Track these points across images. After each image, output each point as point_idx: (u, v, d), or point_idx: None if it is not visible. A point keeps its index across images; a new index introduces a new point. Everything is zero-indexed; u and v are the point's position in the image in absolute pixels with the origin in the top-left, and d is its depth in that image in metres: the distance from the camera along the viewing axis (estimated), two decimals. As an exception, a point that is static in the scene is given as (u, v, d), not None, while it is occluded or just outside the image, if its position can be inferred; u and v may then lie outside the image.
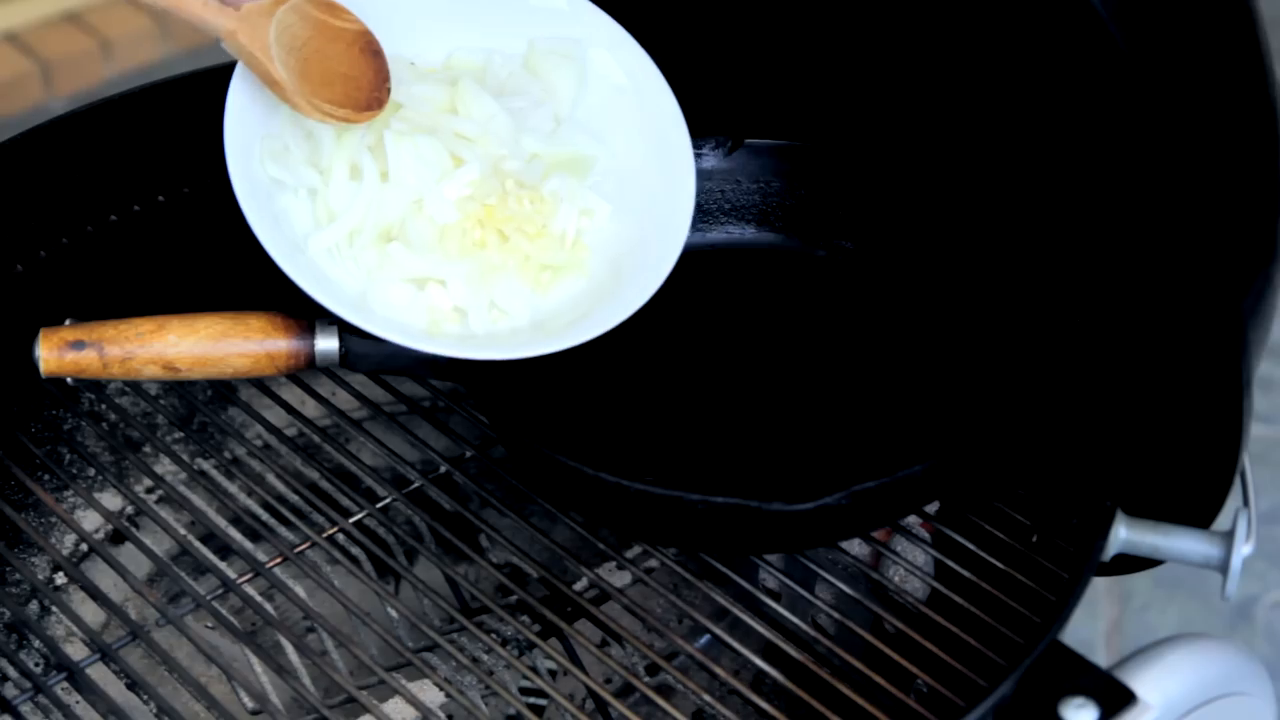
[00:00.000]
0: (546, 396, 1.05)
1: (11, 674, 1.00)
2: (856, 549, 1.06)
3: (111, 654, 0.97)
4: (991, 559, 0.99)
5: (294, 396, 1.14)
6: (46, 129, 1.14)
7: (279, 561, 1.03)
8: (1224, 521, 0.97)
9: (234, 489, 1.11)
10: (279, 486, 1.10)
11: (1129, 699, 0.85)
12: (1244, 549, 0.95)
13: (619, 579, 1.09)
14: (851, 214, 1.13)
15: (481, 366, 1.01)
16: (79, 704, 1.00)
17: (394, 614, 1.02)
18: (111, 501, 1.14)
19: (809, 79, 1.13)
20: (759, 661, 0.94)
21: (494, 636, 1.02)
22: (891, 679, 0.92)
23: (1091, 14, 0.85)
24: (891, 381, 1.06)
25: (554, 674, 1.10)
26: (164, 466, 1.17)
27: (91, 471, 1.14)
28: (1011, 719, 0.86)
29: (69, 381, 1.13)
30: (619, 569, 1.08)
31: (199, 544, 1.03)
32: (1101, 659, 0.98)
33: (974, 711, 0.86)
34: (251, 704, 1.00)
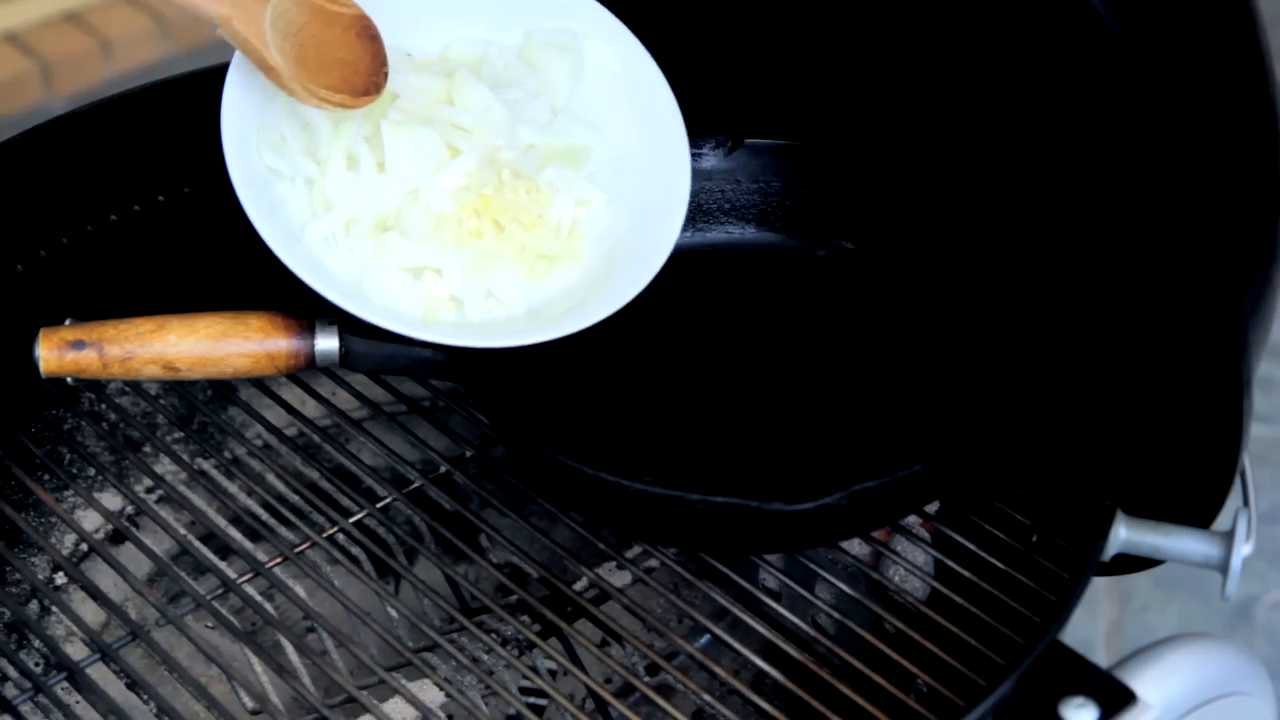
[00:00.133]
0: (546, 396, 1.05)
1: (11, 674, 0.99)
2: (856, 549, 1.06)
3: (111, 654, 0.97)
4: (991, 559, 0.99)
5: (294, 396, 1.14)
6: (46, 129, 1.14)
7: (279, 561, 1.03)
8: (1224, 521, 0.97)
9: (234, 489, 1.11)
10: (279, 486, 1.10)
11: (1129, 699, 0.85)
12: (1244, 549, 0.95)
13: (619, 579, 1.09)
14: (851, 214, 1.13)
15: (481, 366, 1.01)
16: (79, 704, 1.00)
17: (394, 614, 1.02)
18: (111, 501, 1.14)
19: (809, 79, 1.13)
20: (759, 661, 0.94)
21: (494, 636, 1.02)
22: (891, 679, 0.92)
23: (1091, 14, 0.85)
24: (891, 381, 1.06)
25: (554, 674, 1.10)
26: (164, 466, 1.17)
27: (91, 471, 1.14)
28: (1011, 719, 0.86)
29: (69, 381, 1.13)
30: (619, 569, 1.08)
31: (199, 544, 1.03)
32: (1101, 659, 0.98)
33: (974, 711, 0.86)
34: (251, 704, 1.00)
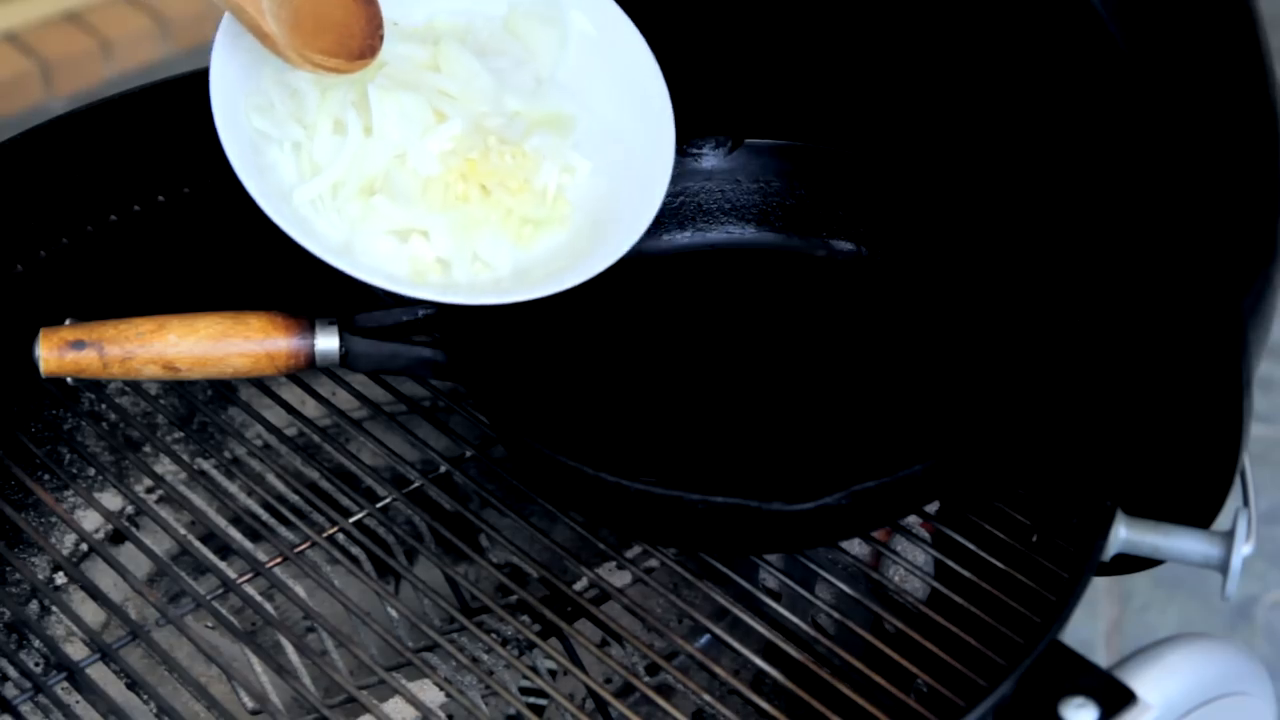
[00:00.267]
0: (547, 396, 1.05)
1: (11, 674, 0.99)
2: (856, 549, 1.06)
3: (111, 654, 0.97)
4: (991, 559, 0.99)
5: (294, 396, 1.14)
6: (46, 129, 1.14)
7: (279, 561, 1.03)
8: (1224, 521, 0.97)
9: (234, 489, 1.11)
10: (279, 486, 1.10)
11: (1129, 699, 0.85)
12: (1244, 549, 0.95)
13: (619, 579, 1.09)
14: (851, 214, 1.13)
15: (481, 366, 1.01)
16: (79, 704, 1.00)
17: (394, 614, 1.02)
18: (111, 501, 1.14)
19: (809, 79, 1.13)
20: (759, 661, 0.94)
21: (494, 636, 1.02)
22: (891, 679, 0.92)
23: (1091, 14, 0.85)
24: (891, 381, 1.06)
25: (554, 674, 1.10)
26: (164, 466, 1.17)
27: (91, 471, 1.14)
28: (1011, 719, 0.86)
29: (69, 381, 1.13)
30: (619, 569, 1.08)
31: (199, 544, 1.03)
32: (1101, 659, 0.98)
33: (974, 711, 0.86)
34: (251, 704, 1.00)
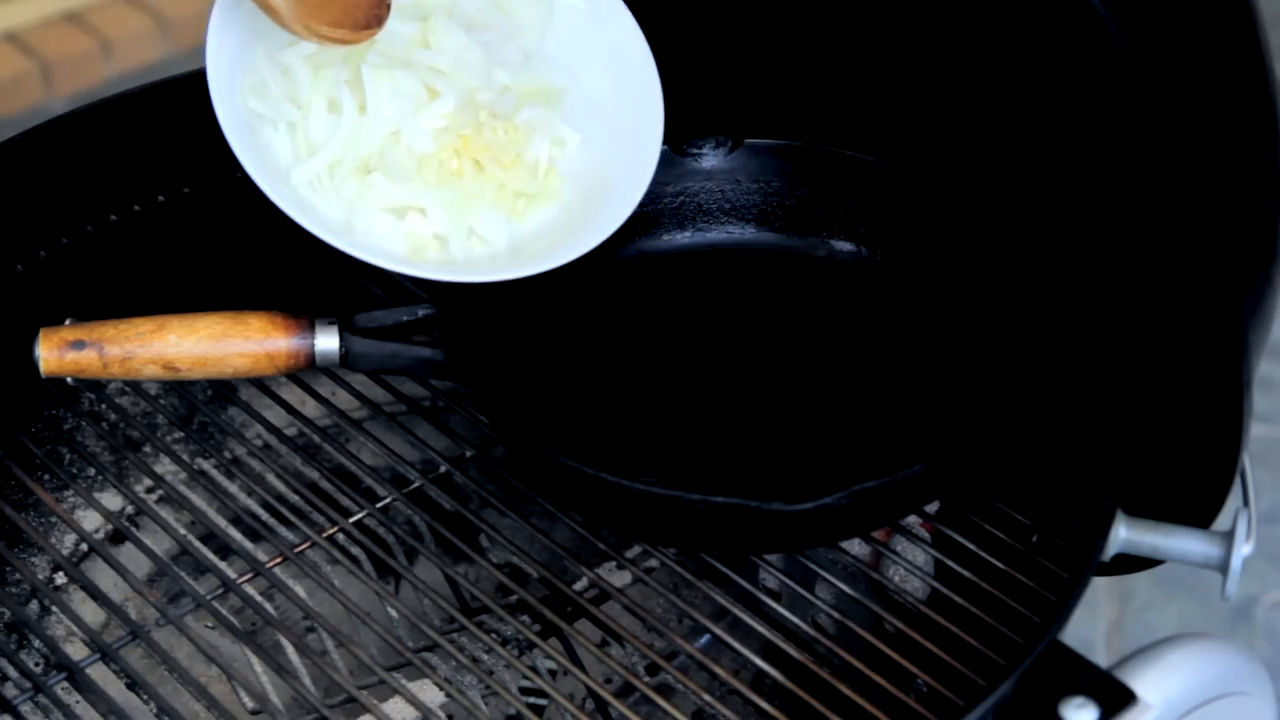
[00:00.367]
0: (547, 396, 1.05)
1: (11, 674, 0.99)
2: (856, 549, 1.06)
3: (111, 654, 0.97)
4: (991, 559, 0.99)
5: (294, 396, 1.14)
6: (46, 129, 1.14)
7: (279, 561, 1.03)
8: (1224, 521, 0.97)
9: (234, 489, 1.11)
10: (279, 486, 1.10)
11: (1129, 699, 0.85)
12: (1244, 549, 0.95)
13: (619, 579, 1.09)
14: (851, 214, 1.13)
15: (481, 366, 1.01)
16: (79, 704, 1.00)
17: (394, 614, 1.02)
18: (111, 501, 1.14)
19: (809, 79, 1.13)
20: (759, 661, 0.94)
21: (494, 636, 1.02)
22: (891, 679, 0.92)
23: (1091, 14, 0.85)
24: (891, 381, 1.06)
25: (554, 674, 1.10)
26: (164, 466, 1.17)
27: (91, 471, 1.14)
28: (1011, 719, 0.86)
29: (69, 381, 1.13)
30: (619, 569, 1.08)
31: (199, 544, 1.03)
32: (1101, 659, 0.98)
33: (974, 711, 0.86)
34: (251, 704, 1.00)
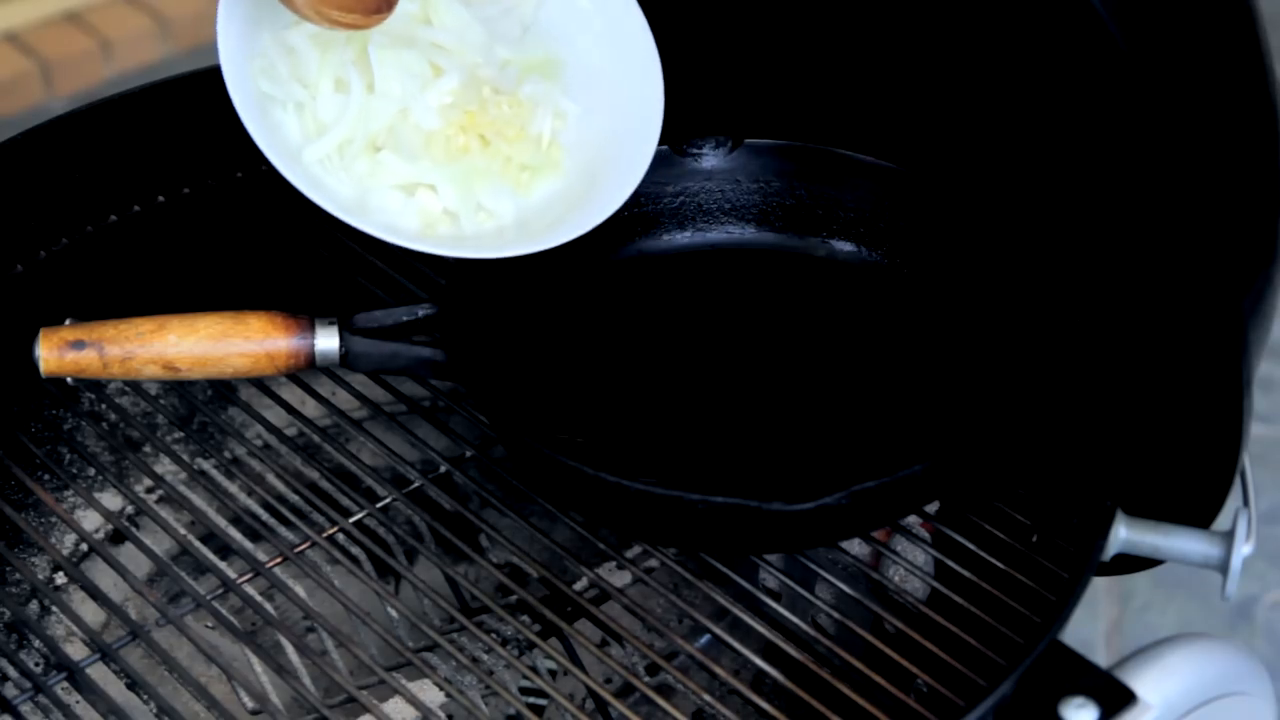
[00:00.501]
0: (546, 396, 1.05)
1: (11, 674, 0.99)
2: (856, 549, 1.06)
3: (111, 654, 0.97)
4: (991, 559, 0.99)
5: (294, 396, 1.14)
6: (46, 129, 1.14)
7: (279, 561, 1.03)
8: (1224, 521, 0.97)
9: (234, 489, 1.11)
10: (279, 486, 1.10)
11: (1129, 699, 0.85)
12: (1244, 549, 0.95)
13: (619, 579, 1.09)
14: (851, 214, 1.13)
15: (481, 366, 1.01)
16: (79, 704, 1.00)
17: (394, 614, 1.02)
18: (111, 501, 1.14)
19: (809, 79, 1.13)
20: (759, 661, 0.94)
21: (494, 636, 1.02)
22: (891, 679, 0.92)
23: (1091, 14, 0.85)
24: (892, 381, 1.06)
25: (554, 674, 1.10)
26: (164, 466, 1.17)
27: (91, 471, 1.14)
28: (1011, 719, 0.86)
29: (69, 381, 1.13)
30: (619, 569, 1.08)
31: (199, 544, 1.03)
32: (1101, 659, 0.98)
33: (974, 711, 0.86)
34: (251, 704, 1.00)
